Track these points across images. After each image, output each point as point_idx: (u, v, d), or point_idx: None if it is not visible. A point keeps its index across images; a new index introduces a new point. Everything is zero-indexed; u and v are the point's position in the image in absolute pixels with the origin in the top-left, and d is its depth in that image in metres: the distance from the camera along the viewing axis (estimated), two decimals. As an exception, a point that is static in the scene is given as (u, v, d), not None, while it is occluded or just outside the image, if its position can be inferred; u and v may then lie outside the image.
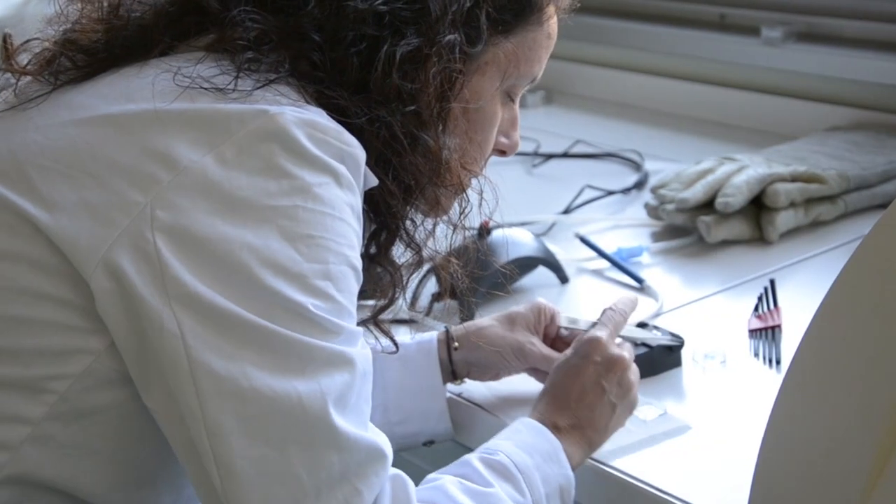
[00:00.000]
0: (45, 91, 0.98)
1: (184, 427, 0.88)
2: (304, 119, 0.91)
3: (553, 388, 1.15)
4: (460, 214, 1.07)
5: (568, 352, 1.17)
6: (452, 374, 1.24)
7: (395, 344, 1.12)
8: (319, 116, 0.93)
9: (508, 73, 1.06)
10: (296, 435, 0.87)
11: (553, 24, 1.09)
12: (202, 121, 0.91)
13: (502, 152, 1.13)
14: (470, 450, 1.07)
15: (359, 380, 0.90)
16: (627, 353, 1.18)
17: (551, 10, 1.08)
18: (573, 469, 1.08)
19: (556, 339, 1.26)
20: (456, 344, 1.23)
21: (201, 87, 0.93)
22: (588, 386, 1.14)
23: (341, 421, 0.88)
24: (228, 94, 0.92)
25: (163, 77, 0.94)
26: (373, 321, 1.08)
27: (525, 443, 1.06)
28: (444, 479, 0.99)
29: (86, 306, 0.90)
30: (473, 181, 1.07)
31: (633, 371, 1.17)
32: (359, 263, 0.93)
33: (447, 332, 1.24)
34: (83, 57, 1.00)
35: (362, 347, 0.92)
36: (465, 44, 1.01)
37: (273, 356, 0.87)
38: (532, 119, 2.16)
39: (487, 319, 1.25)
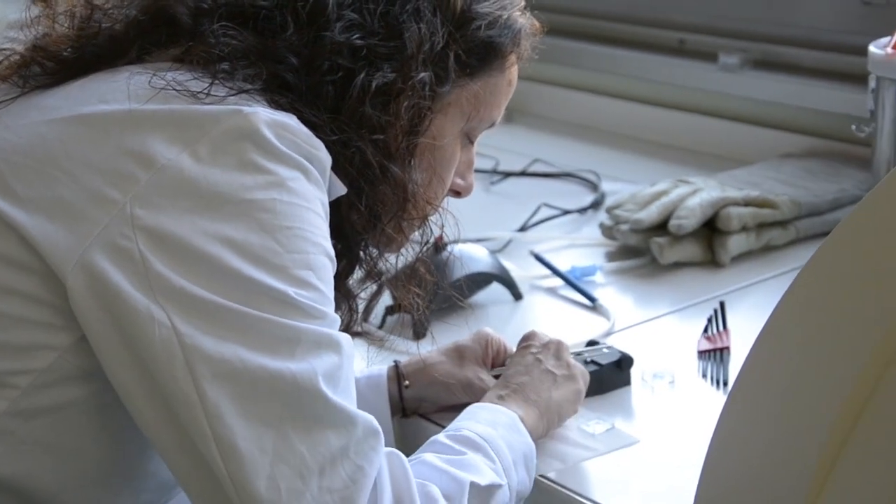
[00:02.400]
0: (13, 94, 0.99)
1: (173, 418, 0.88)
2: (275, 120, 0.93)
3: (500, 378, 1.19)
4: (422, 246, 1.10)
5: None
6: (402, 409, 1.25)
7: None
8: (290, 119, 0.95)
9: (470, 116, 1.11)
10: (292, 413, 0.88)
11: (514, 72, 1.13)
12: (176, 120, 0.93)
13: (457, 193, 1.17)
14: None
15: (346, 360, 0.92)
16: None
17: (513, 58, 1.12)
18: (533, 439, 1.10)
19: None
20: (407, 382, 1.24)
21: (175, 91, 0.94)
22: (524, 362, 1.18)
23: (335, 397, 0.89)
24: (202, 98, 0.94)
25: (137, 79, 0.96)
26: None
27: (484, 419, 1.08)
28: (420, 456, 1.01)
29: (55, 302, 0.91)
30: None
31: (574, 362, 1.21)
32: (333, 253, 0.95)
33: (397, 368, 1.25)
34: (53, 64, 1.01)
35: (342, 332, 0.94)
36: (434, 83, 1.04)
37: (262, 340, 0.88)
38: (492, 137, 2.15)
39: (436, 354, 1.26)
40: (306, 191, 0.93)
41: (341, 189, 1.00)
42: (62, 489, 0.95)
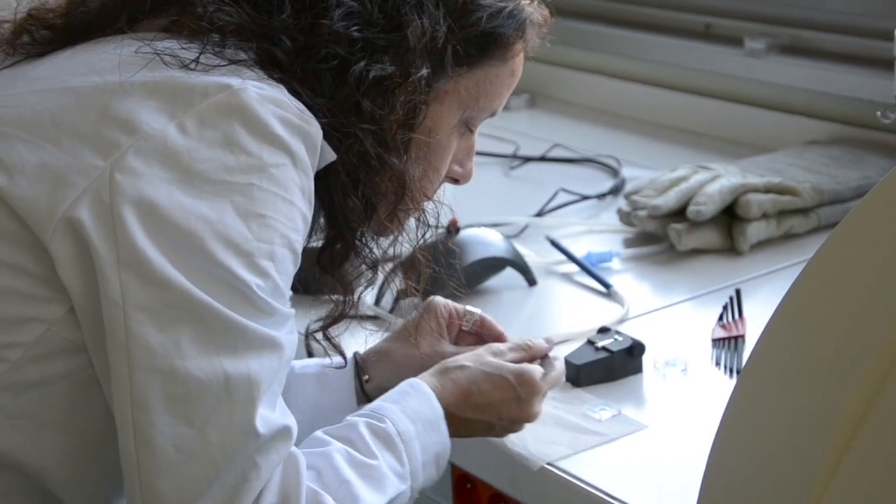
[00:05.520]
0: (2, 64, 1.00)
1: (112, 395, 0.89)
2: (266, 95, 0.92)
3: (468, 376, 1.11)
4: (419, 236, 1.08)
5: (510, 357, 1.14)
6: (365, 397, 1.21)
7: (344, 357, 1.14)
8: (281, 93, 0.94)
9: (468, 107, 1.08)
10: (218, 418, 0.88)
11: (518, 62, 1.10)
12: (165, 91, 0.92)
13: (455, 180, 1.14)
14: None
15: (284, 365, 0.92)
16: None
17: (518, 47, 1.09)
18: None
19: (459, 333, 1.23)
20: (367, 377, 1.21)
21: (164, 60, 0.94)
22: (492, 406, 1.10)
23: (261, 405, 0.90)
24: (191, 68, 0.93)
25: (126, 49, 0.95)
26: (322, 333, 1.09)
27: (412, 409, 1.05)
28: (331, 448, 0.99)
29: (43, 274, 0.91)
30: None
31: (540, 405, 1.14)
32: (299, 247, 0.94)
33: (356, 362, 1.21)
34: (46, 33, 1.01)
35: (289, 332, 0.93)
36: (431, 76, 1.02)
37: (209, 333, 0.88)
38: (514, 122, 2.17)
39: (389, 341, 1.22)
40: (287, 179, 0.92)
41: (332, 155, 0.98)
42: (55, 463, 0.95)
